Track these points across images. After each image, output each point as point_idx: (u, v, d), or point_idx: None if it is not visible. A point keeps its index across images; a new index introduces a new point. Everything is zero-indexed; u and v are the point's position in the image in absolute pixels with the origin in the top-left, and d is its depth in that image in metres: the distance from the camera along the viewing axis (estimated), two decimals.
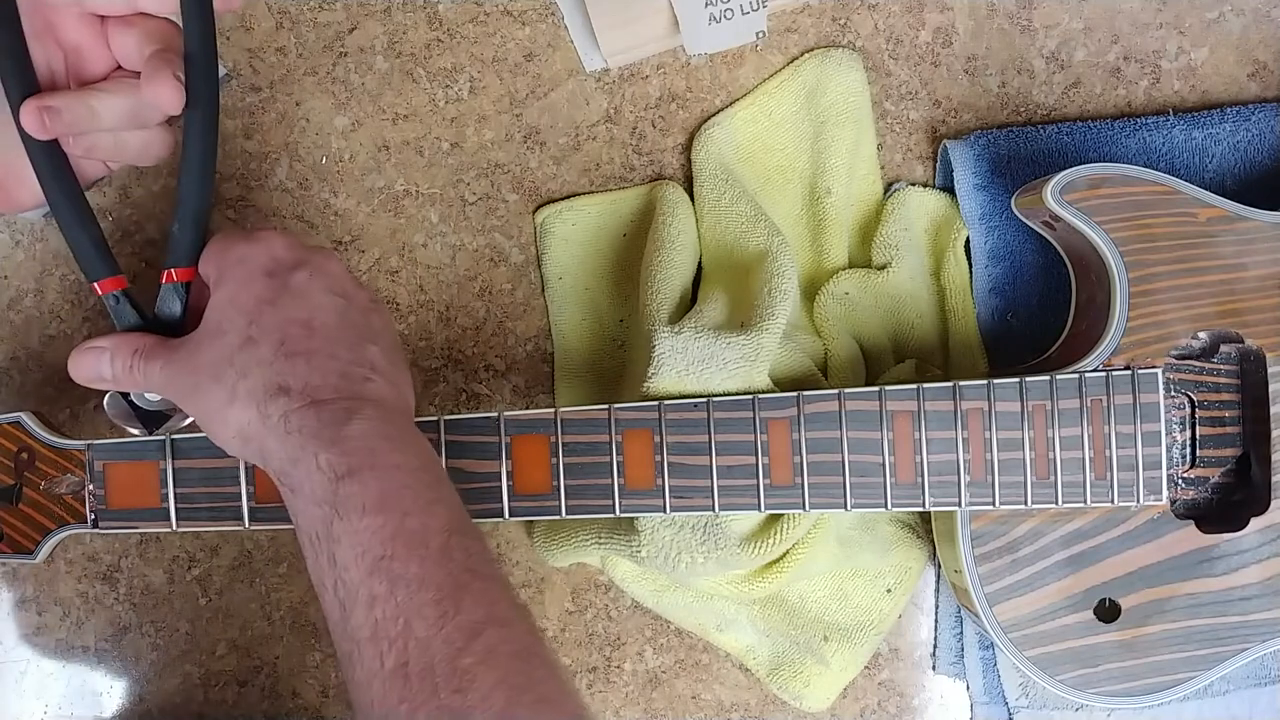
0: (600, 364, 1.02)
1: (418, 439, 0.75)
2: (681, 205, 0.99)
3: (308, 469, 0.69)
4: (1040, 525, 0.88)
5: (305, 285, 0.77)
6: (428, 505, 0.69)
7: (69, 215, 0.79)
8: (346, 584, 0.66)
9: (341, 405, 0.71)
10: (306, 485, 0.69)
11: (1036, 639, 0.88)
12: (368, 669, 0.64)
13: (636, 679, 1.02)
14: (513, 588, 0.71)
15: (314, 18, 1.01)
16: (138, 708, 1.03)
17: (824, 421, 0.86)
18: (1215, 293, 0.88)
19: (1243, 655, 0.89)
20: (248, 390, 0.73)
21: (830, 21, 1.01)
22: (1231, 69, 1.03)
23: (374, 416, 0.72)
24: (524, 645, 0.66)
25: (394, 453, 0.71)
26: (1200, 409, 0.90)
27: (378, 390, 0.74)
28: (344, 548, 0.67)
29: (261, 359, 0.73)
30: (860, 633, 0.99)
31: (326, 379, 0.73)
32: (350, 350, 0.75)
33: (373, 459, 0.69)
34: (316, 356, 0.74)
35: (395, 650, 0.64)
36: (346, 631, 0.66)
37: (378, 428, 0.71)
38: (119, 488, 0.87)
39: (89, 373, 0.81)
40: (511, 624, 0.67)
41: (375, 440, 0.70)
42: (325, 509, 0.68)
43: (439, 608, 0.64)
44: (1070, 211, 0.87)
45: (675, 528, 0.89)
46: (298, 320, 0.75)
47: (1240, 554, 0.88)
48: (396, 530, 0.67)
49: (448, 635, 0.64)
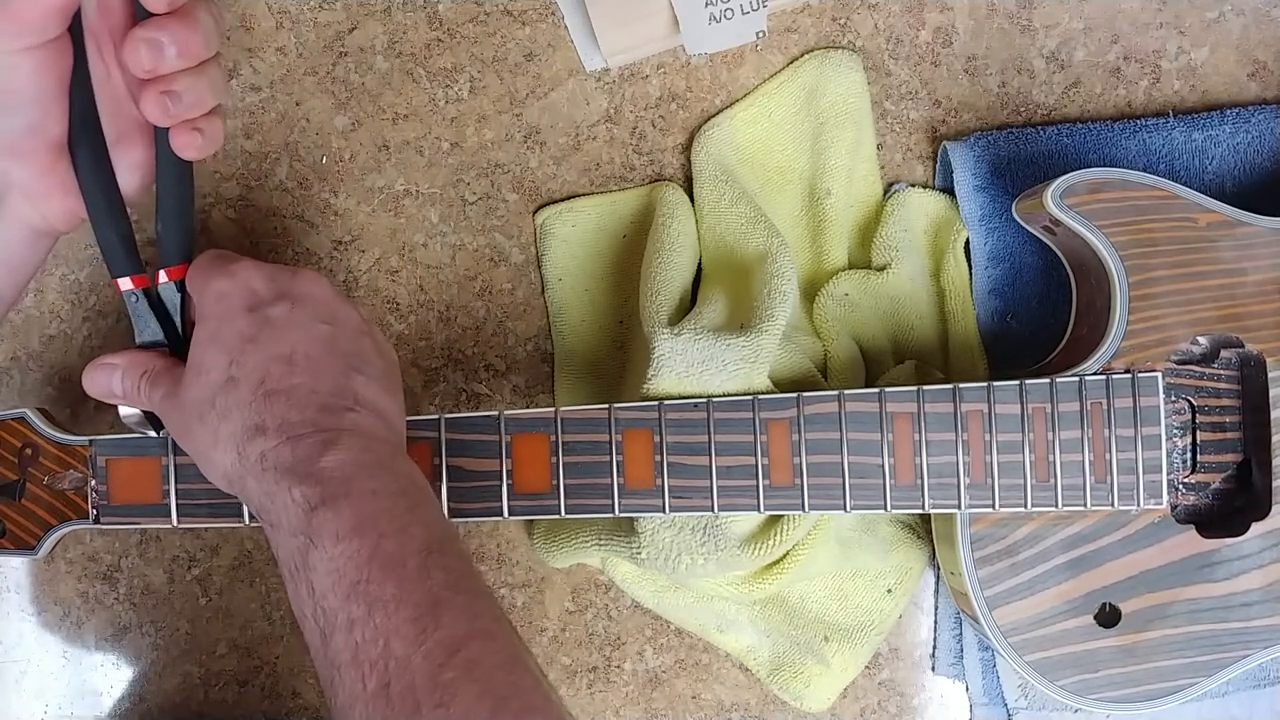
0: (600, 365, 1.02)
1: (399, 464, 0.74)
2: (681, 206, 0.99)
3: (284, 503, 0.69)
4: (1040, 529, 0.88)
5: (287, 318, 0.75)
6: (404, 528, 0.68)
7: (103, 210, 0.78)
8: (325, 611, 0.66)
9: (318, 439, 0.71)
10: (283, 519, 0.69)
11: (1036, 643, 0.88)
12: (350, 693, 0.64)
13: (636, 679, 1.02)
14: (496, 601, 0.70)
15: (314, 18, 1.00)
16: (138, 708, 1.03)
17: (824, 423, 0.86)
18: (1215, 297, 0.88)
19: (1244, 661, 0.88)
20: (229, 433, 0.72)
21: (830, 21, 1.01)
22: (1231, 69, 1.02)
23: (351, 446, 0.71)
24: (507, 656, 0.66)
25: (369, 479, 0.70)
26: (1201, 414, 0.90)
27: (358, 421, 0.73)
28: (320, 575, 0.66)
29: (241, 400, 0.73)
30: (861, 633, 1.00)
31: (305, 413, 0.72)
32: (333, 380, 0.74)
33: (347, 487, 0.69)
34: (297, 392, 0.73)
35: (376, 672, 0.63)
36: (328, 658, 0.66)
37: (354, 457, 0.70)
38: (121, 483, 0.87)
39: (101, 388, 0.81)
40: (494, 636, 0.66)
41: (350, 469, 0.70)
42: (300, 539, 0.68)
43: (418, 625, 0.64)
44: (1070, 216, 0.87)
45: (675, 529, 0.89)
46: (279, 356, 0.74)
47: (1241, 559, 0.88)
48: (372, 554, 0.66)
49: (428, 651, 0.63)
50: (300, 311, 0.76)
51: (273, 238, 1.01)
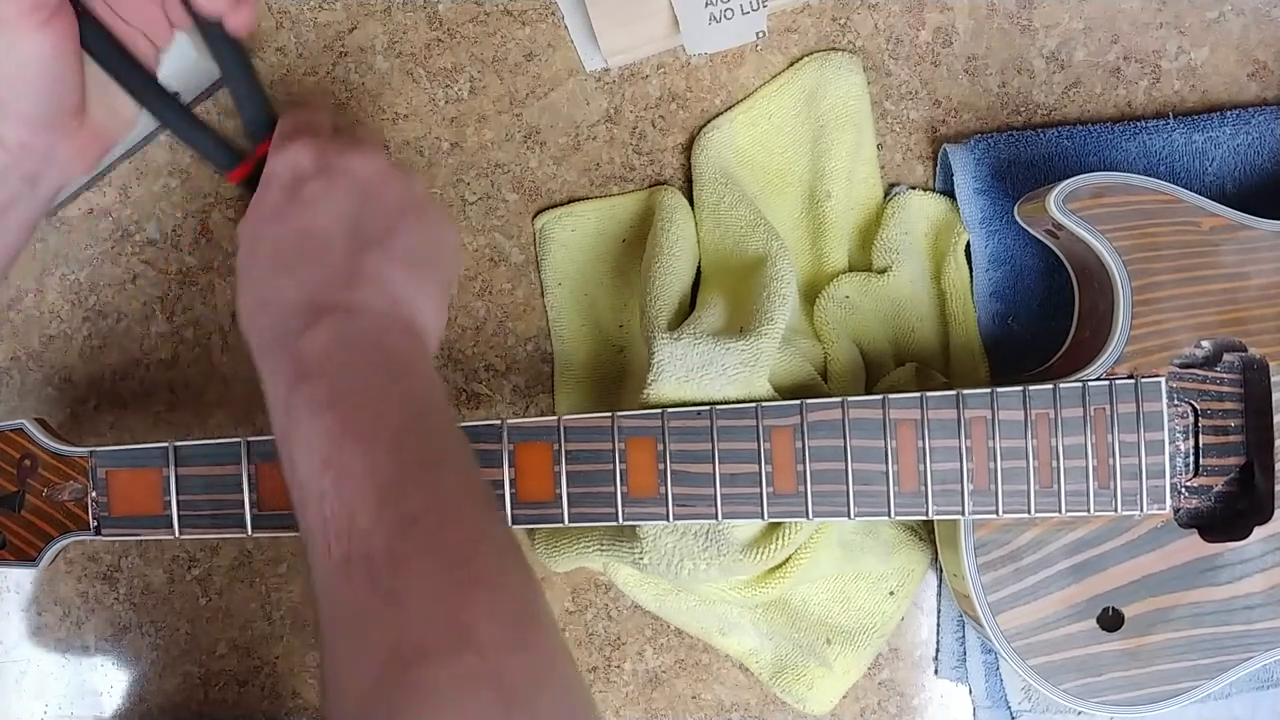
0: (600, 369, 1.02)
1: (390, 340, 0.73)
2: (680, 210, 0.99)
3: (271, 379, 0.69)
4: (1043, 534, 0.88)
5: (317, 195, 0.75)
6: (380, 402, 0.68)
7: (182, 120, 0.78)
8: (302, 485, 0.66)
9: (308, 317, 0.70)
10: (271, 395, 0.69)
11: (1040, 648, 0.88)
12: (320, 564, 0.64)
13: (637, 679, 1.03)
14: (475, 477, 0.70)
15: (314, 18, 1.00)
16: (138, 708, 1.03)
17: (827, 429, 0.86)
18: (1218, 301, 0.89)
19: (1246, 664, 0.89)
20: (244, 307, 0.73)
21: (830, 21, 1.01)
22: (1231, 69, 1.02)
23: (340, 323, 0.70)
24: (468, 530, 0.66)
25: (352, 356, 0.70)
26: (1203, 418, 0.90)
27: (363, 299, 0.72)
28: (299, 450, 0.67)
29: (258, 277, 0.74)
30: (863, 635, 1.00)
31: (303, 291, 0.72)
32: (344, 258, 0.73)
33: (325, 365, 0.69)
34: (305, 267, 0.73)
35: (340, 543, 0.63)
36: (305, 530, 0.66)
37: (340, 334, 0.70)
38: (121, 495, 0.87)
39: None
40: (457, 510, 0.66)
41: (333, 348, 0.69)
42: (281, 416, 0.68)
43: (381, 498, 0.64)
44: (1073, 220, 0.87)
45: (677, 534, 0.89)
46: (297, 233, 0.74)
47: (1244, 563, 0.88)
48: (345, 428, 0.66)
49: (389, 523, 0.63)
50: (333, 188, 0.76)
51: None
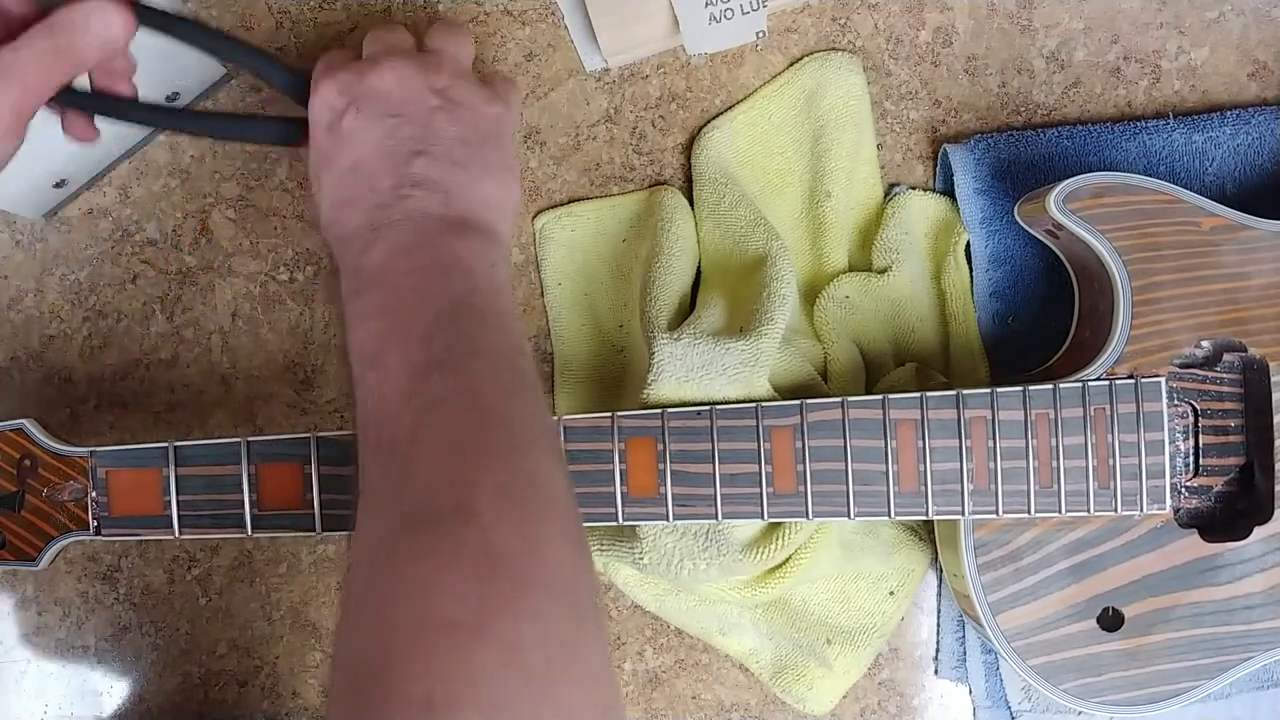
0: (600, 370, 1.02)
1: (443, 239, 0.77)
2: (680, 210, 0.99)
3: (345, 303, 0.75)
4: (1043, 534, 0.88)
5: (353, 125, 0.79)
6: (420, 302, 0.73)
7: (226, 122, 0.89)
8: (356, 383, 0.72)
9: (365, 238, 0.76)
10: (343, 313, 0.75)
11: (1040, 648, 0.88)
12: (363, 450, 0.70)
13: (636, 679, 1.03)
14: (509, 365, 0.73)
15: (314, 18, 1.00)
16: (138, 708, 1.03)
17: (827, 429, 0.86)
18: (1218, 301, 0.89)
19: (1246, 664, 0.89)
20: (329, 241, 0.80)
21: (830, 21, 1.01)
22: (1231, 69, 1.02)
23: (392, 237, 0.76)
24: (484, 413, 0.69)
25: (405, 261, 0.75)
26: (1203, 418, 0.90)
27: (413, 206, 0.77)
28: (355, 354, 0.73)
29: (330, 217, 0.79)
30: (863, 635, 1.00)
31: (361, 216, 0.77)
32: (392, 175, 0.78)
33: (380, 277, 0.74)
34: (360, 197, 0.78)
35: (373, 428, 0.69)
36: (358, 424, 0.71)
37: (394, 244, 0.75)
38: (121, 495, 0.87)
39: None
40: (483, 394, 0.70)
41: (387, 258, 0.75)
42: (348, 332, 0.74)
43: (410, 386, 0.69)
44: (1074, 220, 0.87)
45: (677, 534, 0.89)
46: (346, 169, 0.79)
47: (1244, 563, 0.88)
48: (388, 328, 0.72)
49: (414, 409, 0.68)
50: (365, 114, 0.80)
51: (273, 237, 1.01)
